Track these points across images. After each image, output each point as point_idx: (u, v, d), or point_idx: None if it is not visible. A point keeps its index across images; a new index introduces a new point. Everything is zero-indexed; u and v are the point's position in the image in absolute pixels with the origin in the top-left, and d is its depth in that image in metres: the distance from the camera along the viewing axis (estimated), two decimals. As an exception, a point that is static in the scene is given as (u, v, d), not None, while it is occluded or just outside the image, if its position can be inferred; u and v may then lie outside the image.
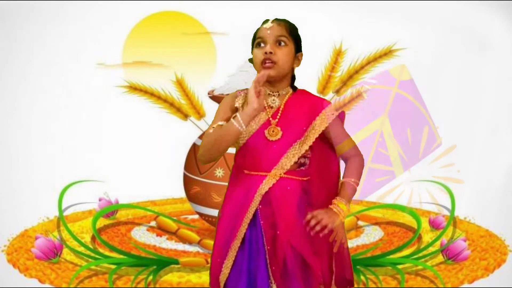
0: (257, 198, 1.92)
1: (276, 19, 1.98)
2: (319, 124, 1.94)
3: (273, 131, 1.93)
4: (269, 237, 1.92)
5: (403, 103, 1.74)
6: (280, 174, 1.93)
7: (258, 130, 1.94)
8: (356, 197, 1.78)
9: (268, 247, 1.92)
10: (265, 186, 1.92)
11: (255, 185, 1.93)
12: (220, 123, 1.94)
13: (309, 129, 1.94)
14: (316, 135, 1.93)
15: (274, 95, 1.98)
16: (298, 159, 1.95)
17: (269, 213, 1.93)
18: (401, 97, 1.74)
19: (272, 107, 1.97)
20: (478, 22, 3.93)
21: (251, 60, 2.01)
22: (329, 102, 1.99)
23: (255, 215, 1.93)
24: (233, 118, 1.87)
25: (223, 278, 1.97)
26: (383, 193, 1.90)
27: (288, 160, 1.92)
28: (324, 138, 1.97)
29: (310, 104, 1.97)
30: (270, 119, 1.95)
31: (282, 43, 1.94)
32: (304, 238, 1.92)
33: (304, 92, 2.03)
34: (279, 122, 1.94)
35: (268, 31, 1.94)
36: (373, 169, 1.72)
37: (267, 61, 1.92)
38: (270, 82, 1.96)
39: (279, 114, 1.95)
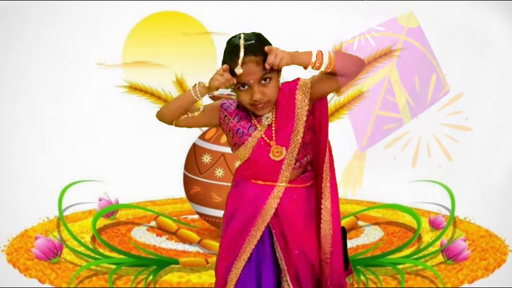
0: (269, 210, 1.93)
1: (247, 53, 1.79)
2: (301, 102, 1.89)
3: (277, 152, 1.91)
4: (282, 245, 1.95)
5: (411, 50, 1.74)
6: (286, 184, 1.93)
7: (259, 150, 1.92)
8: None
9: (284, 254, 1.95)
10: (274, 199, 1.93)
11: (264, 193, 1.93)
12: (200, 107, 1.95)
13: (295, 120, 1.89)
14: (304, 115, 1.88)
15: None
16: (300, 165, 1.94)
17: (277, 222, 1.95)
18: (409, 44, 1.75)
19: (266, 124, 1.92)
20: (478, 22, 3.93)
21: (232, 90, 1.92)
22: (298, 79, 1.92)
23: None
24: (193, 87, 1.86)
25: (234, 277, 1.98)
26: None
27: (286, 169, 1.92)
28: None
29: (289, 95, 1.90)
30: (264, 137, 1.91)
31: (267, 79, 1.83)
32: (314, 246, 1.96)
33: (282, 89, 1.93)
34: (277, 140, 1.91)
35: (250, 78, 1.80)
36: (381, 117, 1.72)
37: (258, 105, 1.85)
38: None
39: (273, 133, 1.92)
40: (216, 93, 3.58)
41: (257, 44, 1.81)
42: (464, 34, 3.88)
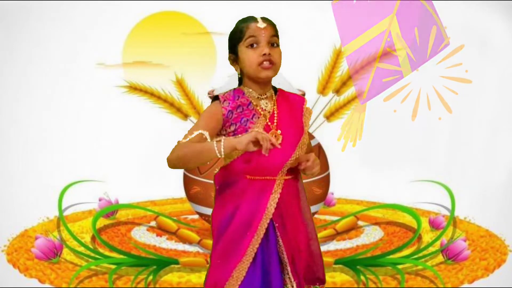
0: (272, 205, 1.92)
1: (265, 18, 1.93)
2: (306, 121, 2.00)
3: (275, 137, 1.90)
4: (284, 237, 1.93)
5: (411, 3, 1.73)
6: (283, 177, 1.93)
7: None
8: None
9: (285, 246, 1.93)
10: (276, 193, 1.92)
11: (266, 189, 1.91)
12: (201, 131, 1.85)
13: (303, 128, 1.98)
14: (307, 132, 1.99)
15: (264, 98, 1.95)
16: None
17: (279, 215, 1.93)
18: None
19: (268, 111, 1.94)
20: (478, 22, 3.93)
21: (231, 61, 1.95)
22: (304, 100, 2.03)
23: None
24: (217, 142, 1.75)
25: (234, 282, 1.92)
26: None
27: (292, 163, 1.92)
28: None
29: (294, 103, 2.00)
30: (269, 123, 1.92)
31: (275, 44, 1.91)
32: (304, 235, 1.97)
33: (283, 91, 2.02)
34: (278, 126, 1.93)
35: (263, 32, 1.89)
36: (380, 69, 1.72)
37: (265, 62, 1.88)
38: (265, 83, 1.94)
39: (275, 118, 1.93)
40: (216, 93, 3.59)
41: (274, 23, 1.95)
42: (464, 34, 3.88)
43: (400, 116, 3.96)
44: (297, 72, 2.06)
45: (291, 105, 1.98)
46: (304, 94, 3.57)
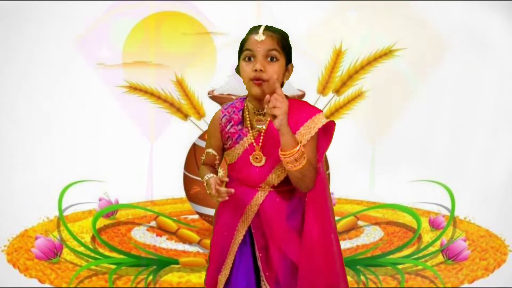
0: (251, 214, 1.94)
1: (267, 29, 1.84)
2: (304, 134, 1.84)
3: (256, 158, 1.90)
4: (261, 246, 1.94)
5: None
6: (269, 188, 1.92)
7: (243, 153, 1.93)
8: None
9: (260, 255, 1.94)
10: (256, 203, 1.93)
11: (247, 197, 1.94)
12: (208, 151, 2.01)
13: None
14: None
15: (260, 114, 1.91)
16: (286, 174, 1.91)
17: (259, 224, 1.94)
18: None
19: (257, 130, 1.91)
20: (478, 22, 3.93)
21: (237, 70, 1.92)
22: (319, 111, 1.88)
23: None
24: (206, 182, 1.91)
25: (223, 278, 1.99)
26: None
27: (276, 177, 1.91)
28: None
29: (297, 118, 1.85)
30: (254, 144, 1.91)
31: (274, 59, 1.83)
32: (296, 247, 1.92)
33: (292, 103, 1.85)
34: (263, 147, 1.90)
35: (259, 46, 1.81)
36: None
37: (256, 79, 1.82)
38: (258, 99, 1.88)
39: (261, 139, 1.90)
40: (216, 93, 3.58)
41: (279, 30, 1.88)
42: (464, 34, 3.88)
43: (400, 116, 3.96)
44: (297, 72, 2.05)
45: (292, 121, 1.81)
46: (304, 94, 3.57)
